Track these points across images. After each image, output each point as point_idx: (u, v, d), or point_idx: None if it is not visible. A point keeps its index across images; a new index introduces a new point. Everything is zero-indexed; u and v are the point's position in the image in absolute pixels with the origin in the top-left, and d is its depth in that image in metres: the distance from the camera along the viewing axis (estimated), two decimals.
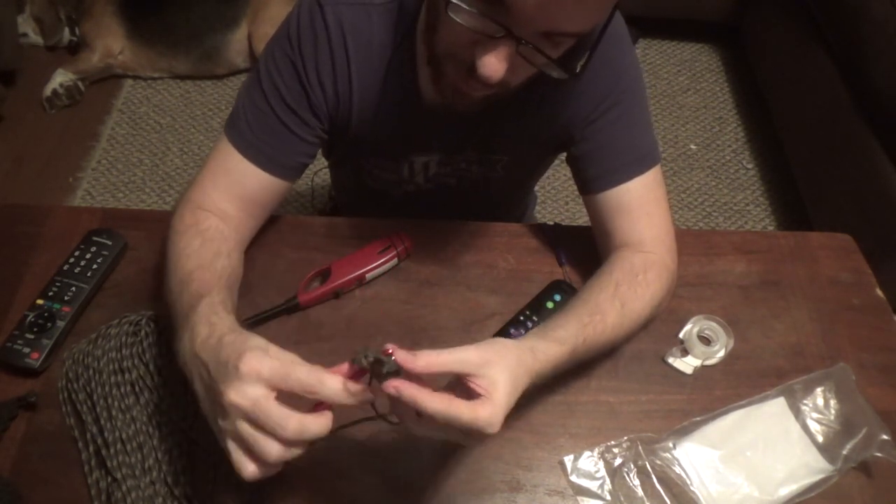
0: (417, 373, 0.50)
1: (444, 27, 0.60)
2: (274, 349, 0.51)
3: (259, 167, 0.73)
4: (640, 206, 0.76)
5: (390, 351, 0.50)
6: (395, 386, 0.49)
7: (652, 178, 0.76)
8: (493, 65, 0.56)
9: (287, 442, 0.49)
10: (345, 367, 0.52)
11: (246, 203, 0.75)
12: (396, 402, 0.50)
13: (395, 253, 0.81)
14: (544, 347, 0.60)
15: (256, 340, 0.52)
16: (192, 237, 0.69)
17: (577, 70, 0.60)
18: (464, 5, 0.55)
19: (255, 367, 0.49)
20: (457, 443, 0.54)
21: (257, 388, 0.48)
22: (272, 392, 0.49)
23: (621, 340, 0.71)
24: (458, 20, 0.55)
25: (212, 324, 0.56)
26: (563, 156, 0.85)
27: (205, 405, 0.53)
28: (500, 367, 0.53)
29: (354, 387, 0.50)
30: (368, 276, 0.80)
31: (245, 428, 0.48)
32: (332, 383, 0.49)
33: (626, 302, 0.69)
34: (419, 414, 0.50)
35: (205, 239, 0.69)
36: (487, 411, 0.51)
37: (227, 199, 0.74)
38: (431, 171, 0.86)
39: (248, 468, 0.49)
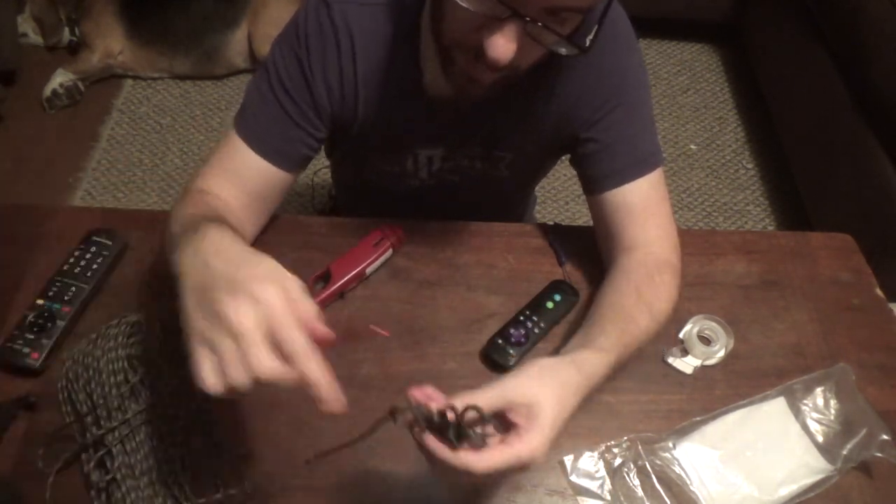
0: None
1: (450, 14, 0.60)
2: (290, 283, 0.48)
3: (264, 157, 0.74)
4: (646, 207, 0.76)
5: (418, 397, 0.49)
6: (439, 452, 0.49)
7: (656, 179, 0.76)
8: (502, 46, 0.56)
9: (255, 379, 0.45)
10: None
11: (249, 196, 0.75)
12: (437, 461, 0.50)
13: (389, 244, 0.81)
14: (590, 358, 0.60)
15: (273, 268, 0.49)
16: (201, 205, 0.69)
17: (587, 45, 0.60)
18: None
19: (262, 295, 0.46)
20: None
21: (254, 316, 0.45)
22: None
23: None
24: (462, 4, 0.56)
25: (223, 231, 0.53)
26: (565, 156, 0.85)
27: (189, 302, 0.48)
28: (541, 395, 0.53)
29: (332, 388, 0.45)
30: (368, 270, 0.80)
31: (224, 343, 0.45)
32: (313, 365, 0.45)
33: (652, 305, 0.70)
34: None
35: (213, 207, 0.69)
36: (528, 444, 0.51)
37: (231, 190, 0.74)
38: (435, 165, 0.86)
39: (210, 377, 0.45)
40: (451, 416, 0.49)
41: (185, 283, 0.50)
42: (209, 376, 0.46)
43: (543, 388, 0.54)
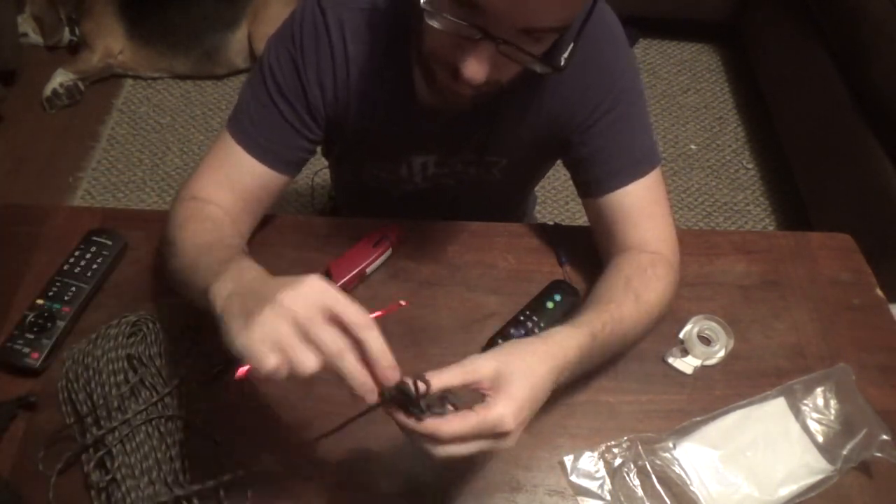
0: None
1: (426, 33, 0.60)
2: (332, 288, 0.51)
3: (260, 161, 0.74)
4: (642, 209, 0.76)
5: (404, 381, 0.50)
6: (406, 423, 0.50)
7: (653, 180, 0.76)
8: (474, 67, 0.57)
9: (327, 355, 0.48)
10: None
11: (244, 199, 0.75)
12: (415, 436, 0.51)
13: (388, 243, 0.81)
14: (560, 331, 0.60)
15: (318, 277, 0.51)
16: (202, 220, 0.69)
17: (562, 64, 0.60)
18: (439, 12, 0.55)
19: (319, 282, 0.49)
20: (485, 453, 0.53)
21: (316, 301, 0.48)
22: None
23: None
24: (436, 27, 0.56)
25: (262, 270, 0.56)
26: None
27: (237, 313, 0.50)
28: (508, 364, 0.53)
29: (390, 361, 0.50)
30: (368, 270, 0.80)
31: (286, 329, 0.47)
32: (376, 334, 0.49)
33: (640, 294, 0.69)
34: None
35: (214, 222, 0.70)
36: (494, 411, 0.51)
37: (225, 193, 0.74)
38: (429, 171, 0.86)
39: (274, 362, 0.47)
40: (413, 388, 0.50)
41: (229, 304, 0.52)
42: (275, 363, 0.47)
43: (510, 358, 0.54)
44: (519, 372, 0.53)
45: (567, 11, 0.56)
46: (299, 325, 0.48)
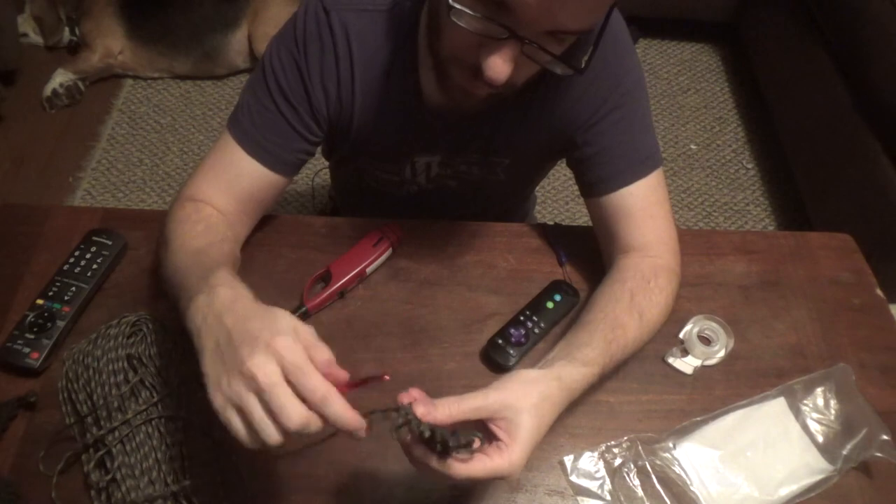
0: (438, 422, 0.51)
1: (448, 31, 0.60)
2: (304, 332, 0.50)
3: (260, 162, 0.74)
4: (644, 209, 0.76)
5: (407, 402, 0.51)
6: (425, 459, 0.52)
7: (655, 181, 0.76)
8: (499, 66, 0.57)
9: (286, 430, 0.47)
10: (344, 375, 0.51)
11: (242, 201, 0.75)
12: (426, 468, 0.52)
13: (388, 243, 0.81)
14: (573, 373, 0.62)
15: (287, 321, 0.50)
16: (195, 223, 0.70)
17: (582, 66, 0.60)
18: (466, 10, 0.55)
19: (282, 348, 0.48)
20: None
21: (278, 370, 0.47)
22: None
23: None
24: (461, 24, 0.56)
25: (234, 288, 0.55)
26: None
27: (210, 366, 0.50)
28: (521, 408, 0.55)
29: (356, 420, 0.49)
30: (368, 269, 0.80)
31: (252, 402, 0.47)
32: (337, 407, 0.48)
33: (644, 312, 0.70)
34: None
35: (208, 224, 0.70)
36: (508, 459, 0.53)
37: (223, 195, 0.74)
38: (433, 172, 0.86)
39: (244, 435, 0.48)
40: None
41: (201, 343, 0.52)
42: (244, 437, 0.48)
43: (525, 402, 0.56)
44: (533, 420, 0.55)
45: (595, 15, 0.57)
46: (262, 393, 0.47)
